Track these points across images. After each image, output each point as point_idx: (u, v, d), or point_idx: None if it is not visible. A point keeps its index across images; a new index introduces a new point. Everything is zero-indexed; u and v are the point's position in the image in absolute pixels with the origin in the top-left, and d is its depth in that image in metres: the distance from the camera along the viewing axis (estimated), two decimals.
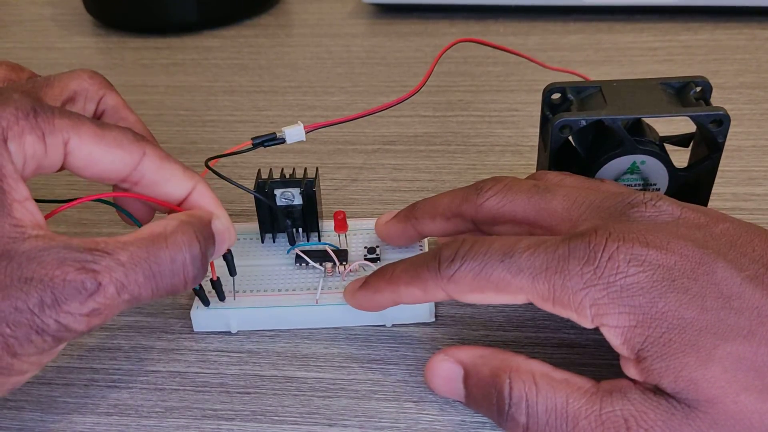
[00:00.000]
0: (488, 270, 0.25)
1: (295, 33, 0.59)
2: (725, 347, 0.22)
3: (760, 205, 0.37)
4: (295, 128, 0.33)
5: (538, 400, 0.24)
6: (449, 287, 0.26)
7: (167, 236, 0.24)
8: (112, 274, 0.22)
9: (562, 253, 0.24)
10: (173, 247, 0.24)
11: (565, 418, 0.23)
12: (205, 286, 0.30)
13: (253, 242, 0.34)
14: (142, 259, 0.23)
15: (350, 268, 0.32)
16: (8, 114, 0.23)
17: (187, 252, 0.24)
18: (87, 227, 0.38)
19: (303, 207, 0.33)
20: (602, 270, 0.23)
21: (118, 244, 0.23)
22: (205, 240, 0.26)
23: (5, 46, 0.59)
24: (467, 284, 0.25)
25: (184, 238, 0.25)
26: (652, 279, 0.23)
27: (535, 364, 0.25)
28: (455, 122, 0.45)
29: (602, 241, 0.24)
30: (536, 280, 0.24)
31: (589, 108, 0.31)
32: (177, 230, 0.25)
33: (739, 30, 0.54)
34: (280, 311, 0.31)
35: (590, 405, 0.23)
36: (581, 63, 0.51)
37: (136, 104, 0.49)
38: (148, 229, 0.24)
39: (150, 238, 0.24)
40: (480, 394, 0.25)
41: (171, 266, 0.24)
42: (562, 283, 0.24)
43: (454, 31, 0.57)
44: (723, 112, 0.30)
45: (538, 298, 0.24)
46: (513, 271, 0.25)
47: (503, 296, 0.25)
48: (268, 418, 0.27)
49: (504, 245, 0.25)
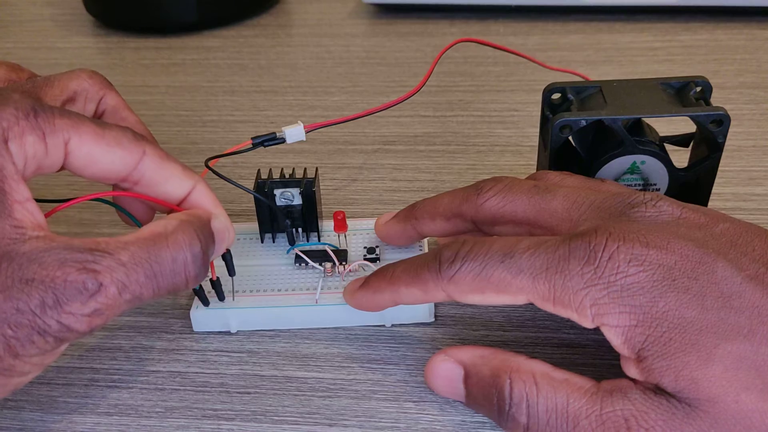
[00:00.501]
0: (488, 271, 0.25)
1: (295, 33, 0.59)
2: (726, 346, 0.22)
3: (760, 205, 0.37)
4: (295, 128, 0.33)
5: (539, 401, 0.24)
6: (449, 288, 0.26)
7: (168, 236, 0.24)
8: (114, 274, 0.22)
9: (563, 254, 0.24)
10: (174, 247, 0.24)
11: (566, 418, 0.23)
12: (204, 286, 0.30)
13: (253, 242, 0.34)
14: (143, 258, 0.23)
15: (350, 268, 0.32)
16: (8, 114, 0.23)
17: (188, 251, 0.24)
18: (87, 227, 0.38)
19: (302, 207, 0.33)
20: (603, 270, 0.23)
21: (119, 243, 0.23)
22: (206, 239, 0.26)
23: (5, 46, 0.59)
24: (467, 285, 0.25)
25: (185, 237, 0.25)
26: (653, 279, 0.23)
27: (535, 364, 0.25)
28: (455, 122, 0.45)
29: (603, 240, 0.24)
30: (537, 281, 0.24)
31: (589, 108, 0.31)
32: (177, 229, 0.25)
33: (739, 30, 0.54)
34: (280, 311, 0.31)
35: (591, 405, 0.23)
36: (581, 63, 0.51)
37: (136, 104, 0.49)
38: (148, 228, 0.24)
39: (151, 238, 0.24)
40: (480, 394, 0.25)
41: (172, 266, 0.24)
42: (563, 283, 0.24)
43: (454, 31, 0.57)
44: (723, 112, 0.30)
45: (538, 298, 0.24)
46: (513, 272, 0.25)
47: (504, 297, 0.25)
48: (268, 418, 0.27)
49: (504, 246, 0.25)
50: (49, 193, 0.40)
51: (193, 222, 0.25)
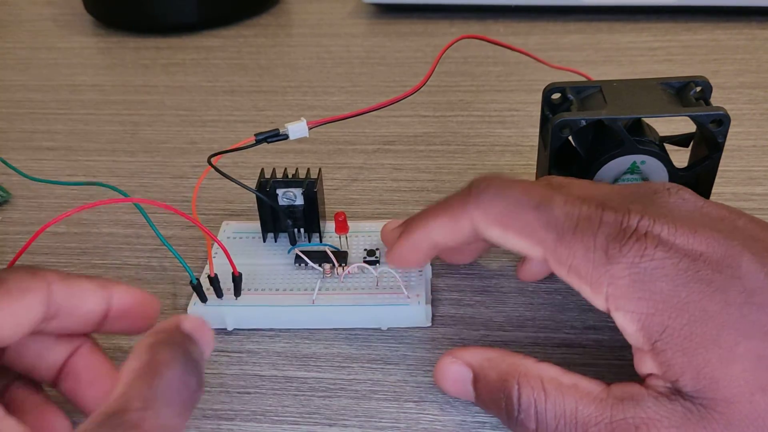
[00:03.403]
0: (519, 209, 0.24)
1: (295, 33, 0.59)
2: (746, 344, 0.22)
3: (760, 205, 0.37)
4: (298, 124, 0.33)
5: (547, 407, 0.23)
6: (476, 212, 0.25)
7: (153, 367, 0.21)
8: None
9: (593, 223, 0.23)
10: (166, 373, 0.21)
11: (575, 425, 0.23)
12: (203, 282, 0.30)
13: (255, 241, 0.34)
14: (155, 403, 0.20)
15: (349, 270, 0.32)
16: None
17: (177, 367, 0.22)
18: (86, 227, 0.38)
19: (304, 207, 0.32)
20: (629, 249, 0.23)
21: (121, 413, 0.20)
22: (184, 346, 0.22)
23: (5, 46, 0.59)
24: (494, 215, 0.24)
25: (165, 358, 0.22)
26: (678, 266, 0.22)
27: (543, 368, 0.24)
28: (455, 122, 0.45)
29: (634, 220, 0.23)
30: (561, 240, 0.23)
31: (589, 108, 0.31)
32: (154, 357, 0.22)
33: (739, 30, 0.54)
34: (277, 310, 0.31)
35: (600, 412, 0.23)
36: (581, 63, 0.51)
37: (136, 104, 0.49)
38: (128, 373, 0.21)
39: (141, 376, 0.21)
40: (489, 398, 0.25)
41: (179, 386, 0.21)
42: (584, 253, 0.23)
43: (454, 31, 0.57)
44: (723, 112, 0.30)
45: (554, 260, 0.24)
46: (542, 221, 0.24)
47: (523, 242, 0.24)
48: (268, 418, 0.27)
49: (543, 194, 0.24)
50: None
51: (159, 340, 0.22)
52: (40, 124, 0.47)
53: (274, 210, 0.33)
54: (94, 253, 0.36)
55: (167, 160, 0.43)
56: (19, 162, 0.42)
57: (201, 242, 0.36)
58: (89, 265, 0.35)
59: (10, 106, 0.50)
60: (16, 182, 0.41)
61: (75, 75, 0.54)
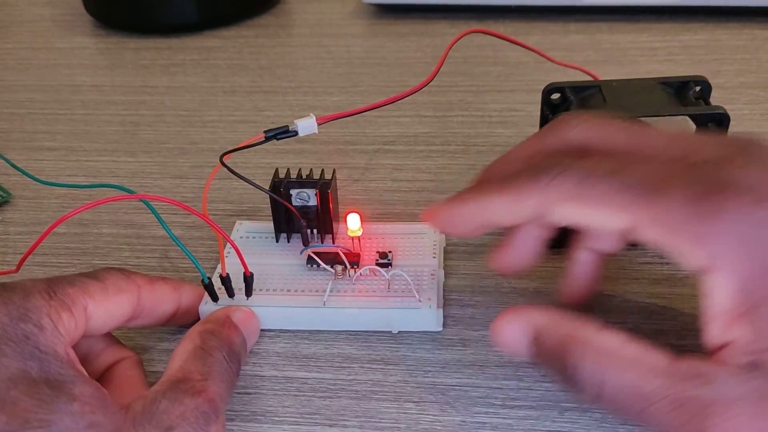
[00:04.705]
0: (592, 181, 0.23)
1: (295, 33, 0.59)
2: None
3: None
4: (307, 120, 0.32)
5: (607, 378, 0.22)
6: (547, 191, 0.23)
7: (205, 350, 0.26)
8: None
9: (685, 174, 0.21)
10: (216, 355, 0.26)
11: (637, 399, 0.22)
12: (215, 282, 0.30)
13: (268, 241, 0.34)
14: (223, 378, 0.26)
15: (360, 272, 0.32)
16: (38, 301, 0.23)
17: (223, 353, 0.27)
18: (87, 227, 0.38)
19: (318, 208, 0.32)
20: (736, 203, 0.21)
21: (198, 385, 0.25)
22: (230, 336, 0.28)
23: (5, 46, 0.59)
24: (567, 191, 0.23)
25: (213, 344, 0.27)
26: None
27: (606, 337, 0.23)
28: (455, 122, 0.45)
29: (739, 170, 0.21)
30: (647, 198, 0.21)
31: (588, 108, 0.31)
32: (205, 342, 0.27)
33: (739, 30, 0.54)
34: (288, 311, 0.30)
35: (665, 389, 0.21)
36: (581, 63, 0.51)
37: (136, 104, 0.49)
38: (178, 361, 0.26)
39: (196, 356, 0.26)
40: (547, 361, 0.24)
41: (225, 368, 0.26)
42: (680, 207, 0.21)
43: (454, 31, 0.57)
44: (723, 111, 0.30)
45: (644, 220, 0.22)
46: (617, 187, 0.22)
47: (603, 212, 0.23)
48: (268, 418, 0.27)
49: (613, 163, 0.23)
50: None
51: (207, 329, 0.27)
52: (40, 125, 0.47)
53: (287, 210, 0.33)
54: (94, 254, 0.36)
55: (167, 160, 0.43)
56: (20, 162, 0.42)
57: (205, 242, 0.36)
58: (89, 266, 0.35)
59: (10, 107, 0.50)
60: (17, 182, 0.41)
61: (75, 75, 0.54)
